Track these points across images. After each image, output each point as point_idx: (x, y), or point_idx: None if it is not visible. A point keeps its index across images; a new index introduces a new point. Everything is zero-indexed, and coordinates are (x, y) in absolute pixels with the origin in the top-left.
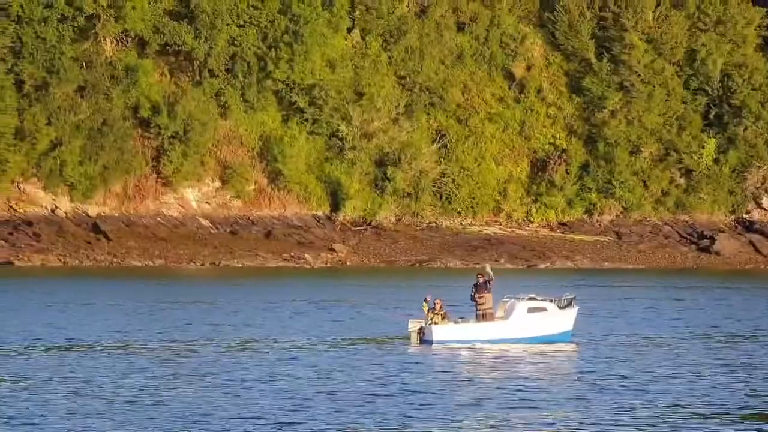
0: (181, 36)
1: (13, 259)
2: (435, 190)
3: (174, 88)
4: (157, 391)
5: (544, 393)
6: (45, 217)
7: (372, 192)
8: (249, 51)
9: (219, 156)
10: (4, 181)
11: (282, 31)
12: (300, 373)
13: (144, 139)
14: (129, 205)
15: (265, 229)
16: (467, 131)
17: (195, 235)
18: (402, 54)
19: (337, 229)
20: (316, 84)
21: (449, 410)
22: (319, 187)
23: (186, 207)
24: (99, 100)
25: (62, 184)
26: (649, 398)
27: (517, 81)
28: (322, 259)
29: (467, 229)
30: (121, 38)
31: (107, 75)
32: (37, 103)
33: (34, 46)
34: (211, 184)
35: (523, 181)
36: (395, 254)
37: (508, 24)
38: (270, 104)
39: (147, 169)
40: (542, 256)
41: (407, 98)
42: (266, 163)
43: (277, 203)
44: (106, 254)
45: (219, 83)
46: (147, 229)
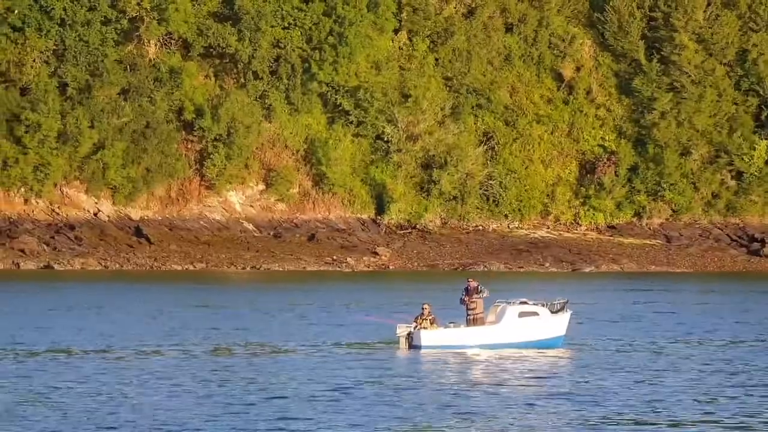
0: (224, 38)
1: (53, 263)
2: (482, 193)
3: (218, 90)
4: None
5: (493, 398)
6: (87, 221)
7: (417, 195)
8: (293, 53)
9: (263, 159)
10: (47, 185)
11: (326, 32)
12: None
13: (187, 142)
14: (172, 209)
15: (309, 232)
16: (515, 133)
17: (238, 238)
18: (449, 55)
19: (381, 233)
20: (361, 86)
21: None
22: (364, 190)
23: (230, 210)
24: (142, 102)
25: (105, 187)
26: (593, 407)
27: (565, 82)
28: (364, 262)
29: (514, 233)
30: (165, 40)
31: (151, 77)
32: (80, 105)
33: (78, 48)
34: (255, 187)
35: (572, 183)
36: (439, 258)
37: (557, 25)
38: (315, 107)
39: (190, 173)
40: (588, 259)
41: (454, 100)
42: (311, 166)
43: (322, 207)
44: (147, 258)
45: (263, 86)
46: (190, 233)
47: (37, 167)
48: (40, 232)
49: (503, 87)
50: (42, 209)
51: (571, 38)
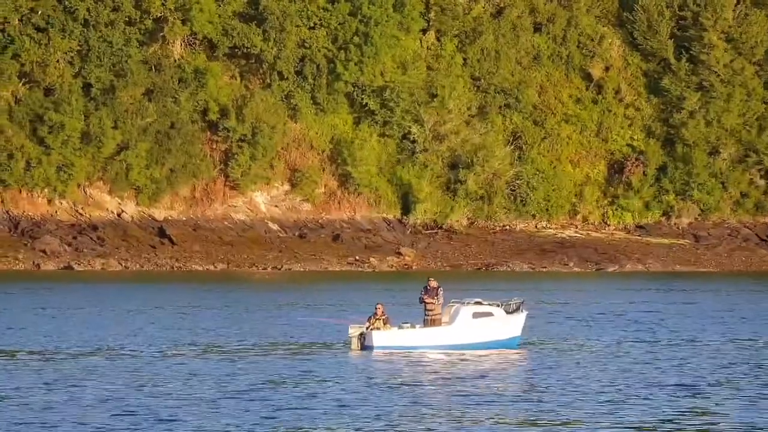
0: (249, 38)
1: (74, 263)
2: (509, 193)
3: (243, 91)
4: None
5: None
6: (110, 222)
7: (444, 195)
8: (318, 53)
9: (288, 159)
10: (70, 186)
11: (352, 32)
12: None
13: (212, 142)
14: (197, 209)
15: (334, 232)
16: (543, 133)
17: (262, 239)
18: (477, 55)
19: (407, 233)
20: (387, 86)
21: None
22: (390, 190)
23: (255, 211)
24: (167, 103)
25: (128, 188)
26: (502, 408)
27: (594, 82)
28: (387, 262)
29: (542, 232)
30: (190, 41)
31: (175, 78)
32: (103, 106)
33: (101, 49)
34: (280, 187)
35: (600, 183)
36: (463, 258)
37: (585, 24)
38: (341, 107)
39: (215, 173)
40: (613, 259)
41: (481, 100)
42: (336, 167)
43: (347, 207)
44: (169, 258)
45: (288, 86)
46: (213, 233)
47: (60, 168)
48: (62, 232)
49: (532, 86)
50: (65, 210)
51: (600, 38)
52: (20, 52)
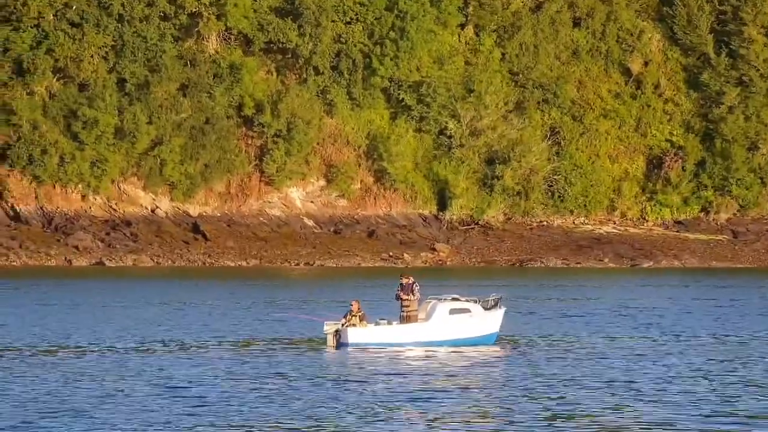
0: (285, 33)
1: (105, 259)
2: (546, 189)
3: (279, 86)
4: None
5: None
6: (144, 217)
7: (480, 190)
8: (354, 48)
9: (324, 155)
10: (104, 181)
11: (388, 27)
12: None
13: (247, 137)
14: (231, 205)
15: (369, 228)
16: (582, 128)
17: (297, 235)
18: (516, 50)
19: (443, 229)
20: (424, 81)
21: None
22: (426, 186)
23: (290, 206)
24: (201, 98)
25: (162, 183)
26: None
27: (633, 76)
28: (421, 258)
29: (579, 228)
30: (225, 36)
31: (210, 73)
32: (137, 102)
33: (136, 44)
34: (315, 183)
35: (639, 178)
36: (497, 254)
37: (625, 18)
38: (378, 102)
39: (250, 168)
40: (649, 255)
41: (519, 95)
42: (372, 162)
43: (383, 202)
44: (201, 254)
45: (324, 81)
46: (248, 229)
47: (94, 163)
48: (95, 228)
49: (570, 82)
50: (99, 206)
51: (639, 32)
52: (54, 47)
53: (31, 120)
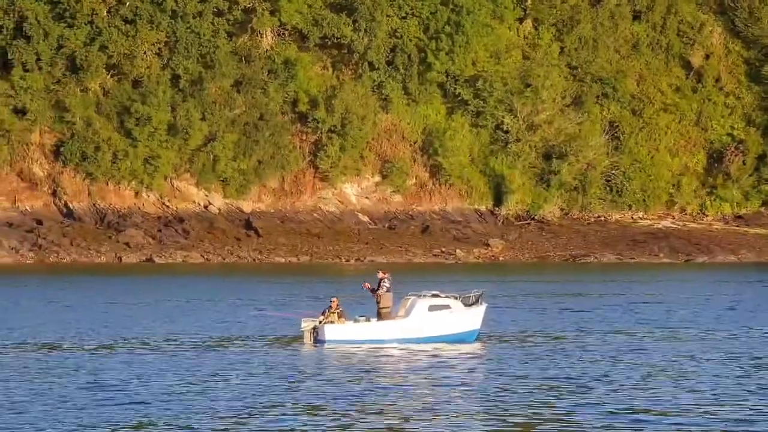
0: (339, 28)
1: (155, 256)
2: (604, 183)
3: (335, 81)
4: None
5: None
6: (196, 214)
7: (537, 185)
8: (410, 43)
9: (379, 150)
10: (157, 178)
11: (444, 22)
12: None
13: (301, 133)
14: (285, 201)
15: (424, 224)
16: (641, 122)
17: (351, 231)
18: (575, 44)
19: (498, 224)
20: (480, 75)
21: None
22: (482, 181)
23: (345, 202)
24: (256, 94)
25: (215, 179)
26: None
27: (694, 70)
28: (474, 254)
29: (638, 223)
30: (280, 32)
31: (265, 69)
32: (191, 98)
33: (189, 40)
34: (370, 178)
35: (699, 173)
36: (552, 249)
37: (686, 12)
38: (434, 97)
39: (304, 164)
40: (705, 250)
41: (577, 89)
42: (428, 157)
43: (438, 198)
44: (252, 251)
45: (379, 76)
46: (301, 225)
47: (147, 160)
48: (148, 225)
49: (630, 75)
50: (152, 202)
51: (700, 25)
52: (108, 44)
53: (85, 117)
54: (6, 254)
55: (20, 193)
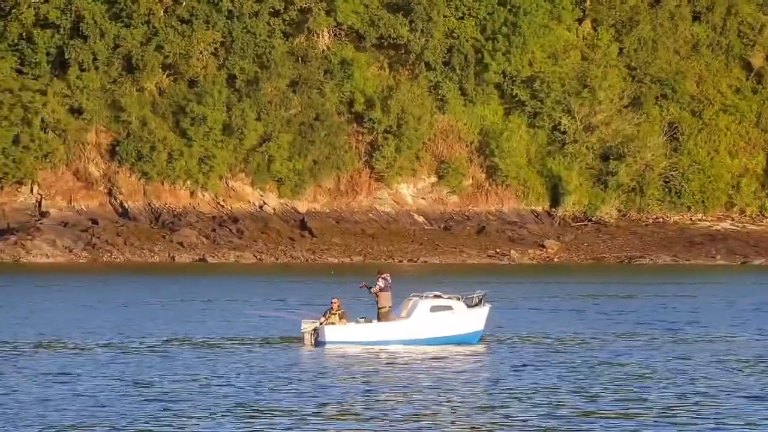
0: (396, 29)
1: (208, 255)
2: (663, 185)
3: (392, 81)
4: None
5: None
6: (251, 214)
7: (594, 186)
8: (466, 43)
9: (435, 151)
10: (212, 178)
11: (501, 22)
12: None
13: (357, 134)
14: (341, 201)
15: (480, 225)
16: (701, 123)
17: (406, 231)
18: (634, 45)
19: (554, 225)
20: (537, 76)
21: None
22: (539, 182)
23: (401, 203)
24: (312, 94)
25: (270, 179)
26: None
27: (755, 71)
28: (528, 255)
29: (696, 225)
30: (337, 32)
31: (321, 69)
32: (247, 98)
33: (245, 40)
34: (426, 179)
35: (758, 174)
36: (608, 251)
37: (746, 12)
38: (491, 98)
39: (359, 165)
40: (764, 252)
41: (636, 90)
42: (484, 158)
43: (495, 199)
44: (305, 251)
45: (436, 77)
46: (356, 226)
47: (202, 160)
48: (202, 225)
49: (689, 77)
50: (207, 202)
51: (761, 26)
52: (164, 43)
53: (141, 117)
54: (59, 253)
55: (76, 192)
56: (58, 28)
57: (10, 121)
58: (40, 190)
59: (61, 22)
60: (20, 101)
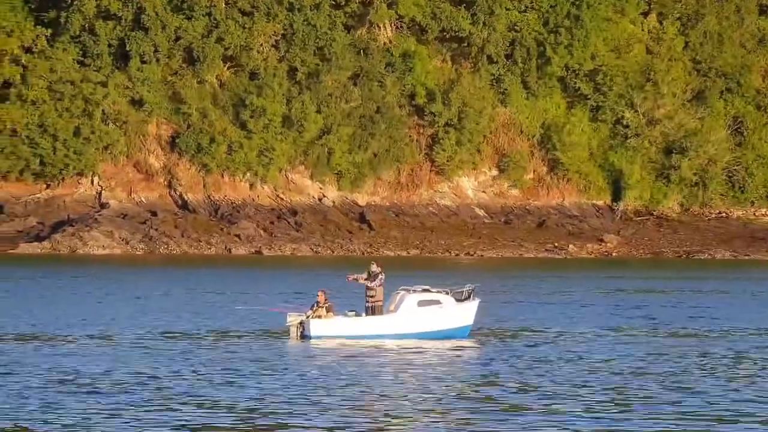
0: (457, 22)
1: (264, 248)
2: (726, 179)
3: (453, 74)
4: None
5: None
6: (310, 207)
7: (656, 181)
8: (529, 36)
9: (497, 144)
10: (272, 170)
11: (563, 15)
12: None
13: (418, 127)
14: (401, 195)
15: (540, 219)
16: (766, 118)
17: (466, 225)
18: (699, 38)
19: (616, 219)
20: (600, 69)
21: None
22: (601, 176)
23: (461, 196)
24: (373, 87)
25: (330, 172)
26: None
27: None
28: (587, 249)
29: (760, 220)
30: (398, 24)
31: (383, 62)
32: (307, 90)
33: (306, 33)
34: (487, 173)
35: None
36: (667, 245)
37: None
38: (554, 91)
39: (420, 158)
40: None
41: (700, 84)
42: (546, 152)
43: (556, 193)
44: (363, 244)
45: (498, 70)
46: (416, 219)
47: (261, 152)
48: (260, 217)
49: (755, 70)
50: (267, 195)
51: None
52: (225, 36)
53: (201, 109)
54: (116, 245)
55: (136, 184)
56: (120, 19)
57: (71, 113)
58: (100, 181)
59: (122, 14)
60: (81, 93)
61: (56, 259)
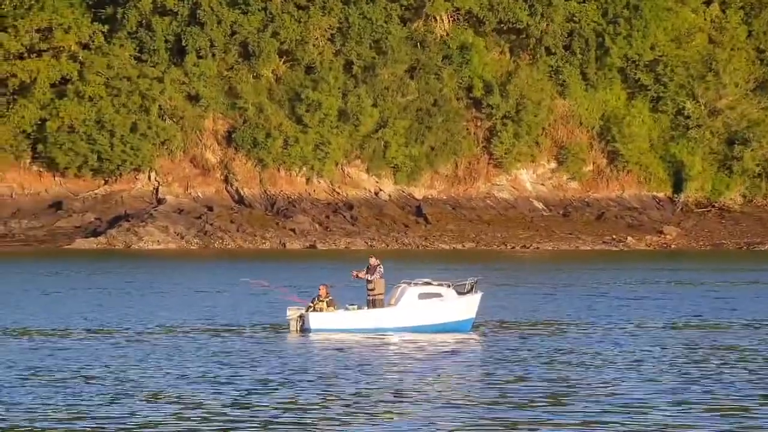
0: (515, 13)
1: (319, 242)
2: None
3: (511, 66)
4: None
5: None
6: (366, 200)
7: (718, 172)
8: (587, 27)
9: (555, 136)
10: (328, 164)
11: (622, 6)
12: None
13: (476, 119)
14: (458, 188)
15: (599, 211)
16: None
17: (524, 217)
18: (764, 27)
19: (676, 211)
20: (661, 60)
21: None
22: (661, 168)
23: (519, 189)
24: (429, 80)
25: (386, 166)
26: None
27: None
28: (646, 241)
29: None
30: (456, 16)
31: (439, 54)
32: (363, 84)
33: (362, 26)
34: (546, 165)
35: None
36: (728, 237)
37: None
38: (614, 82)
39: (477, 151)
40: None
41: (764, 73)
42: (605, 143)
43: (616, 185)
44: (418, 237)
45: (556, 61)
46: (473, 212)
47: (317, 146)
48: (316, 211)
49: None
50: (323, 189)
51: None
52: (280, 30)
53: (257, 103)
54: (171, 240)
55: (193, 179)
56: (176, 15)
57: (128, 109)
58: (157, 177)
59: (178, 10)
60: (138, 89)
61: (110, 255)
